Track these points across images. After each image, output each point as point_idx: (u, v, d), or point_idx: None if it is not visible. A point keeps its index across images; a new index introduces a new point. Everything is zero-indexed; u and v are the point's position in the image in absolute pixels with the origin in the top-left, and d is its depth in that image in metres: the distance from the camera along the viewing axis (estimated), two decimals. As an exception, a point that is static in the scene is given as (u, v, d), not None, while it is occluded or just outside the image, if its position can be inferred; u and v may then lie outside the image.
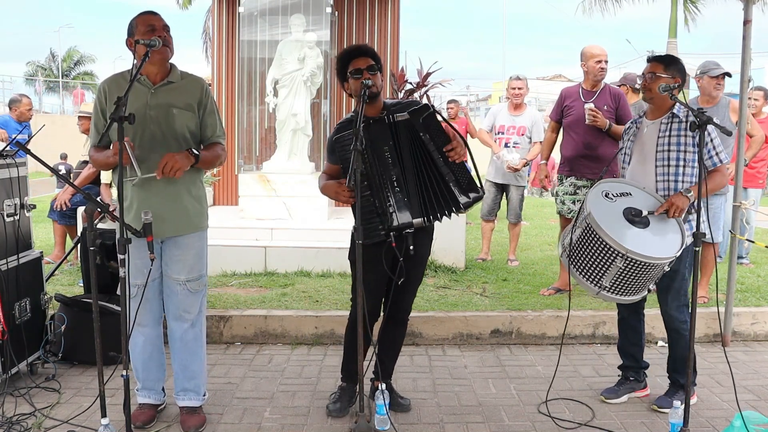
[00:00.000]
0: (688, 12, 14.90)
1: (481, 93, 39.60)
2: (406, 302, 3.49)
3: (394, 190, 3.20)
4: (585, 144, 5.06)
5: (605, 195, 3.46)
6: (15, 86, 35.19)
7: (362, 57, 3.24)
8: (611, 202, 3.42)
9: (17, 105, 7.10)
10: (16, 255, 3.75)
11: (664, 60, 3.53)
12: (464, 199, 3.25)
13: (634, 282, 3.32)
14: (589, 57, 5.14)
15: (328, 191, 3.33)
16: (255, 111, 7.51)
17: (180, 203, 3.20)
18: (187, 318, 3.30)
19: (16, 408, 3.42)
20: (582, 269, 3.40)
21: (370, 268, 3.21)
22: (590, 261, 3.35)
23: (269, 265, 5.82)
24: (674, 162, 3.46)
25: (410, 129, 3.23)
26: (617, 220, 3.35)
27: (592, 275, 3.36)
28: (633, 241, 3.25)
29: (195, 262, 3.28)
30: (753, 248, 6.78)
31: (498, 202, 6.69)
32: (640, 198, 3.46)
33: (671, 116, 3.48)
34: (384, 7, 8.04)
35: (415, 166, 3.23)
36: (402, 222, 3.19)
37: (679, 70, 3.49)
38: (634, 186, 3.53)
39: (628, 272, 3.27)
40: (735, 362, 3.86)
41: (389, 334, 3.52)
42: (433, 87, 8.05)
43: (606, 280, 3.33)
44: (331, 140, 3.35)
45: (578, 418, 3.48)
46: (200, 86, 3.25)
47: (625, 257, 3.22)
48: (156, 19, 3.11)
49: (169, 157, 3.02)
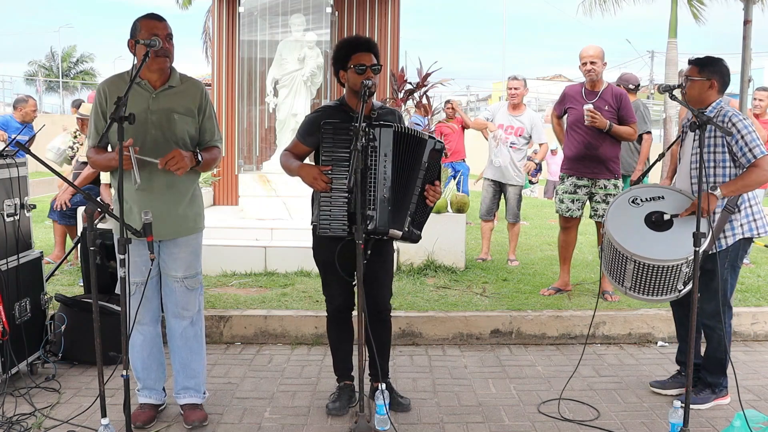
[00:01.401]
0: (693, 8, 14.85)
1: (481, 93, 39.58)
2: (381, 299, 3.44)
3: (380, 194, 3.16)
4: (585, 144, 5.06)
5: (632, 201, 3.54)
6: (15, 86, 35.20)
7: (367, 53, 3.23)
8: (636, 208, 3.51)
9: (23, 105, 7.10)
10: (16, 255, 3.75)
11: (699, 62, 3.54)
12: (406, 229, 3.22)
13: (654, 283, 3.38)
14: (580, 58, 5.16)
15: (304, 174, 3.20)
16: (255, 111, 7.51)
17: (178, 206, 3.22)
18: (186, 315, 3.31)
19: (16, 408, 3.42)
20: (608, 270, 3.59)
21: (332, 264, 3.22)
22: (611, 265, 3.53)
23: (269, 265, 5.82)
24: (705, 164, 3.46)
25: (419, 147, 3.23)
26: (634, 224, 3.44)
27: (616, 276, 3.53)
28: (642, 244, 3.35)
29: (192, 260, 3.30)
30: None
31: (496, 202, 6.69)
32: (674, 200, 3.49)
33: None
34: (384, 7, 8.04)
35: (406, 180, 3.22)
36: (379, 227, 3.15)
37: (716, 72, 3.48)
38: (668, 189, 3.57)
39: (641, 274, 3.37)
40: (735, 362, 3.84)
41: (374, 334, 3.39)
42: (432, 87, 8.05)
43: (626, 281, 3.47)
44: (315, 122, 3.25)
45: (578, 418, 3.48)
46: (200, 91, 3.26)
47: (633, 261, 3.35)
48: (160, 26, 3.08)
49: (178, 153, 3.04)
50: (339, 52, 3.29)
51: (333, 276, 3.35)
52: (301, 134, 3.36)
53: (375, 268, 3.31)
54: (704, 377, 3.65)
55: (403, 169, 3.21)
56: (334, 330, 3.53)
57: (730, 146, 3.40)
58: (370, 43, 3.31)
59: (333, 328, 3.53)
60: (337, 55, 3.29)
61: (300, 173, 3.25)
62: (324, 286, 3.50)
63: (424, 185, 3.25)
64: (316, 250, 3.42)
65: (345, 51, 3.26)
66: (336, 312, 3.49)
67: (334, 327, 3.52)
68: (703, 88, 3.48)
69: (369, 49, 3.25)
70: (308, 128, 3.32)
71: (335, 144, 3.14)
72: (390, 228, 3.18)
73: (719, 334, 3.51)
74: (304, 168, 3.25)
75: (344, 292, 3.41)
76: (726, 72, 3.54)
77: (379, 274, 3.38)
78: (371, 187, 3.15)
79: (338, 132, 3.14)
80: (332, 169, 3.14)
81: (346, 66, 3.25)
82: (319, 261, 3.43)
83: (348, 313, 3.49)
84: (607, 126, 4.94)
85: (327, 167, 3.15)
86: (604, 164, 5.06)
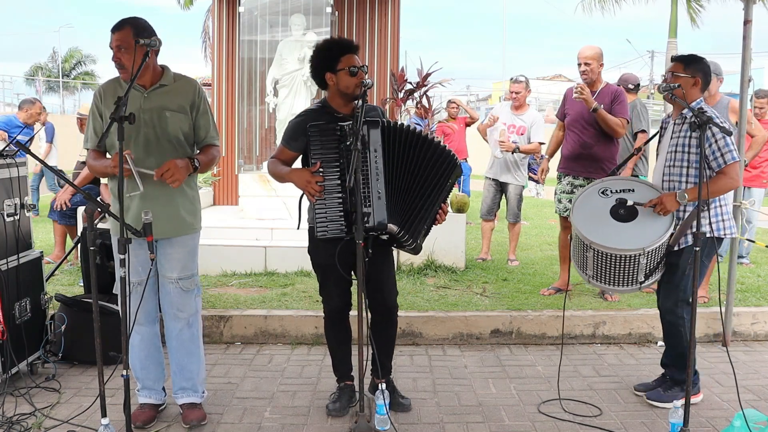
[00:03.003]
0: (692, 10, 14.87)
1: (481, 93, 39.54)
2: (388, 296, 3.43)
3: (375, 192, 3.16)
4: (582, 143, 5.06)
5: (602, 192, 3.61)
6: (15, 86, 35.22)
7: (355, 54, 3.22)
8: (605, 198, 3.58)
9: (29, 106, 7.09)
10: (16, 255, 3.75)
11: (684, 59, 3.52)
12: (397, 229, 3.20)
13: (613, 272, 3.48)
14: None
15: (295, 178, 3.20)
16: (255, 111, 7.50)
17: (175, 206, 3.21)
18: (181, 317, 3.31)
19: (16, 408, 3.42)
20: (575, 260, 3.72)
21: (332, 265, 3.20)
22: (576, 252, 3.67)
23: (269, 265, 5.82)
24: (679, 163, 3.48)
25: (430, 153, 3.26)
26: (598, 214, 3.53)
27: (579, 264, 3.66)
28: (601, 233, 3.46)
29: (188, 261, 3.29)
30: (753, 248, 6.78)
31: (497, 202, 6.69)
32: (643, 194, 3.55)
33: (683, 117, 3.49)
34: (384, 7, 8.04)
35: (407, 180, 3.24)
36: (377, 222, 3.13)
37: (700, 69, 3.47)
38: (639, 183, 3.63)
39: (600, 262, 3.48)
40: (735, 362, 3.84)
41: (380, 332, 3.41)
42: (432, 87, 8.05)
43: (588, 269, 3.58)
44: (299, 126, 3.23)
45: (578, 418, 3.48)
46: (193, 88, 3.25)
47: (591, 248, 3.47)
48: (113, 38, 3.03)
49: (173, 165, 3.03)
50: (325, 53, 3.23)
51: (330, 277, 3.34)
52: (286, 140, 3.32)
53: (380, 266, 3.31)
54: (672, 375, 3.64)
55: (393, 163, 3.21)
56: (332, 331, 3.52)
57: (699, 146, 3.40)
58: (353, 44, 3.30)
59: (330, 329, 3.52)
60: (323, 57, 3.23)
61: (291, 178, 3.24)
62: (321, 288, 3.49)
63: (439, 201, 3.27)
64: (312, 252, 3.41)
65: (333, 53, 3.21)
66: (333, 313, 3.48)
67: (332, 328, 3.51)
68: (688, 85, 3.46)
69: (354, 50, 3.24)
70: (292, 134, 3.28)
71: (323, 146, 3.14)
72: (389, 222, 3.18)
73: (681, 329, 3.51)
74: (295, 172, 3.24)
75: (342, 293, 3.41)
76: (708, 71, 3.55)
77: (384, 272, 3.38)
78: (365, 184, 3.14)
79: (325, 134, 3.14)
80: (323, 171, 3.13)
81: (334, 68, 3.20)
82: (315, 263, 3.42)
83: (345, 313, 3.48)
84: (594, 106, 4.91)
85: (317, 167, 3.13)
86: (600, 164, 5.05)
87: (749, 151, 5.65)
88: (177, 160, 3.07)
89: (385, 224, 3.15)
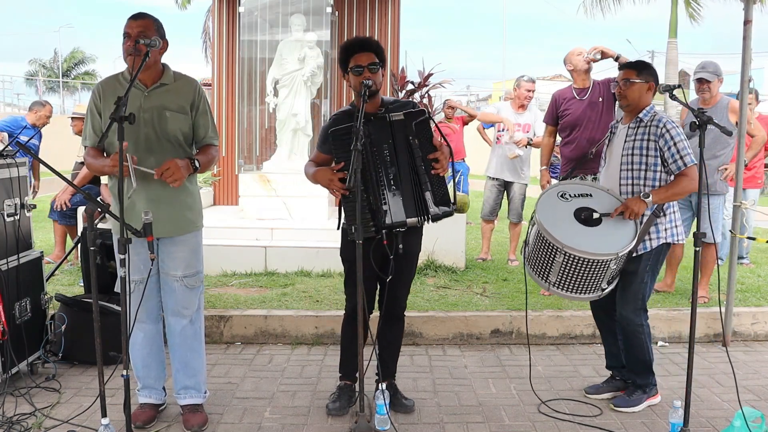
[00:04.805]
0: (691, 9, 14.88)
1: (481, 93, 39.54)
2: (400, 298, 3.49)
3: (390, 188, 3.21)
4: (589, 140, 5.01)
5: (561, 195, 3.51)
6: (15, 86, 35.21)
7: (365, 53, 3.24)
8: (566, 202, 3.48)
9: (39, 108, 7.05)
10: (16, 255, 3.75)
11: (636, 66, 3.58)
12: (434, 210, 3.25)
13: (580, 279, 3.34)
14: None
15: (320, 178, 3.31)
16: (255, 111, 7.51)
17: (177, 205, 3.21)
18: (185, 314, 3.31)
19: (17, 408, 3.43)
20: (532, 265, 3.51)
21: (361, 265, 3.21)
22: (538, 257, 3.44)
23: (269, 265, 5.83)
24: (637, 166, 3.47)
25: (402, 130, 3.25)
26: (564, 218, 3.41)
27: (540, 271, 3.46)
28: (572, 237, 3.31)
29: (191, 259, 3.29)
30: (753, 248, 6.78)
31: (499, 203, 6.68)
32: (601, 199, 3.48)
33: (638, 121, 3.50)
34: (384, 7, 8.04)
35: (409, 166, 3.24)
36: (396, 220, 3.20)
37: (652, 74, 3.54)
38: (596, 188, 3.56)
39: (569, 268, 3.32)
40: (735, 362, 3.85)
41: (387, 332, 3.50)
42: (433, 87, 8.06)
43: (552, 275, 3.40)
44: (326, 131, 3.36)
45: (578, 418, 3.48)
46: (193, 87, 3.25)
47: (563, 252, 3.29)
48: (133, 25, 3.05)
49: (173, 165, 3.03)
50: (341, 55, 3.32)
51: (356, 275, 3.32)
52: (318, 144, 3.52)
53: (401, 267, 3.34)
54: (633, 380, 3.63)
55: (400, 156, 3.23)
56: (349, 328, 3.49)
57: (662, 151, 3.41)
58: (365, 42, 3.31)
59: (348, 326, 3.49)
60: (340, 59, 3.33)
61: (316, 178, 3.36)
62: (346, 284, 3.52)
63: (426, 160, 3.25)
64: (343, 248, 3.46)
65: (345, 54, 3.28)
66: (354, 311, 3.47)
67: (349, 326, 3.48)
68: (643, 90, 3.49)
69: (365, 48, 3.26)
70: (321, 137, 3.50)
71: (344, 149, 3.19)
72: (407, 218, 3.21)
73: (640, 336, 3.51)
74: (319, 172, 3.34)
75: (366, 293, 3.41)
76: (657, 78, 3.58)
77: (404, 273, 3.40)
78: (380, 182, 3.19)
79: (342, 138, 3.20)
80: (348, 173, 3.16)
81: (346, 69, 3.28)
82: (345, 259, 3.46)
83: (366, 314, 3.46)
84: (617, 54, 4.89)
85: (340, 166, 3.20)
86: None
87: (749, 152, 5.64)
88: (177, 160, 3.07)
89: (403, 220, 3.21)
